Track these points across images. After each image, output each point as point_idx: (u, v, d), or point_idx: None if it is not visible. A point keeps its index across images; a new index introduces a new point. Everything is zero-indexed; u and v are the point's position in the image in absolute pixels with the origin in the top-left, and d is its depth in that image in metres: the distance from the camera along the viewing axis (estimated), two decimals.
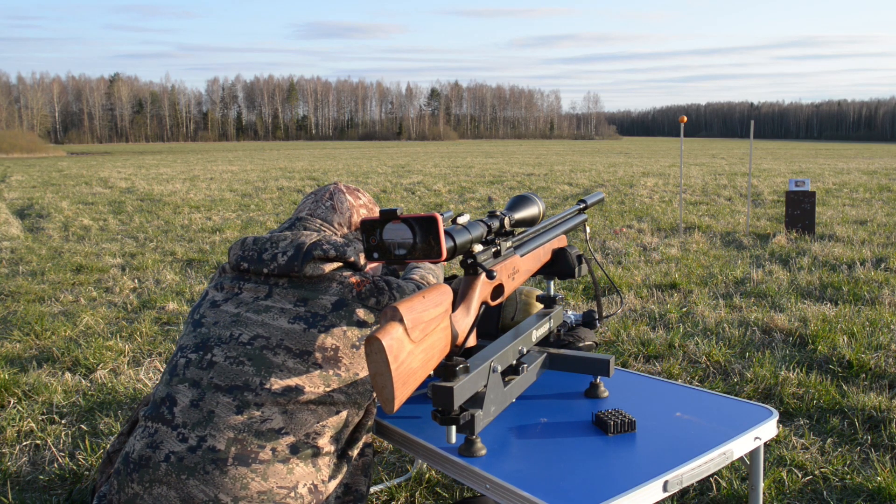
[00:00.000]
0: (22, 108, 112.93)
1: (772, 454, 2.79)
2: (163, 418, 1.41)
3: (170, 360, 1.52)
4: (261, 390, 1.39)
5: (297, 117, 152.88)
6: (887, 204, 11.57)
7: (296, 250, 1.48)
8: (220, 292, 1.55)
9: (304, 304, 1.46)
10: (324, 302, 1.46)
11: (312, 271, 1.47)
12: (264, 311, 1.47)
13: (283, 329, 1.44)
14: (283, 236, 1.53)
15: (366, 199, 1.76)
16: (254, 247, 1.54)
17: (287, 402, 1.39)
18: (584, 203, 1.90)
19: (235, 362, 1.42)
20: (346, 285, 1.50)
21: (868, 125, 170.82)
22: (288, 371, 1.41)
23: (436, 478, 2.67)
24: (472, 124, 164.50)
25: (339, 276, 1.51)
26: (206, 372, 1.42)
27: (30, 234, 9.26)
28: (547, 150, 54.65)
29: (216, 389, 1.40)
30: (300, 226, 1.64)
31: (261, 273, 1.51)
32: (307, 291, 1.47)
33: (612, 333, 4.35)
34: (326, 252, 1.49)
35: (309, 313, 1.45)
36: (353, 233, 1.70)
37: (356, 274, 1.54)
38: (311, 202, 1.71)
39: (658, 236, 8.39)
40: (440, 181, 17.59)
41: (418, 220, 1.24)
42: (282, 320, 1.44)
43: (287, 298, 1.47)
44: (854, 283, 5.63)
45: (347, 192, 1.74)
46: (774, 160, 30.89)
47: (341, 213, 1.69)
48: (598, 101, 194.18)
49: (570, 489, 1.27)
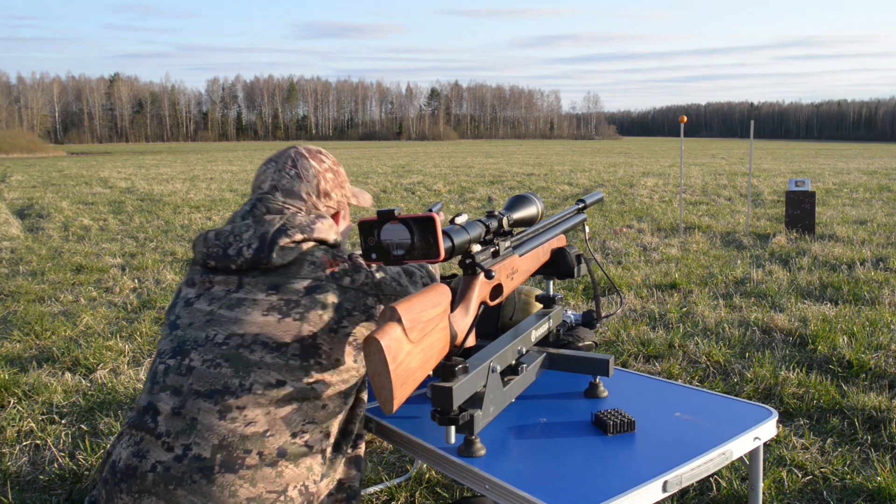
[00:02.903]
0: (22, 108, 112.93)
1: (772, 454, 2.78)
2: (146, 427, 1.36)
3: (150, 367, 1.47)
4: (241, 392, 1.34)
5: (297, 117, 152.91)
6: (887, 204, 11.56)
7: (260, 241, 1.41)
8: (192, 288, 1.49)
9: (276, 290, 1.40)
10: (296, 286, 1.40)
11: (282, 259, 1.41)
12: (237, 306, 1.41)
13: (257, 323, 1.38)
14: (245, 226, 1.45)
15: (330, 162, 1.62)
16: (217, 242, 1.45)
17: (269, 402, 1.34)
18: (584, 203, 1.90)
19: (213, 365, 1.37)
20: (318, 265, 1.43)
21: (868, 125, 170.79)
22: (267, 367, 1.36)
23: (435, 478, 2.67)
24: (472, 124, 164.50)
25: (310, 257, 1.44)
26: (186, 378, 1.37)
27: (30, 234, 9.26)
28: (547, 150, 54.65)
29: (197, 395, 1.35)
30: (261, 207, 1.51)
31: (229, 269, 1.44)
32: (278, 277, 1.41)
33: (612, 333, 4.35)
34: (292, 236, 1.42)
35: (282, 301, 1.39)
36: (321, 201, 1.58)
37: (329, 252, 1.47)
38: (272, 172, 1.56)
39: (658, 236, 8.39)
40: (440, 181, 17.59)
41: (416, 221, 1.24)
42: (255, 313, 1.39)
43: (258, 287, 1.41)
44: (854, 283, 5.63)
45: (310, 156, 1.60)
46: (774, 160, 30.89)
47: (307, 181, 1.56)
48: (598, 101, 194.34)
49: (570, 489, 1.27)
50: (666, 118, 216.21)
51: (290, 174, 1.55)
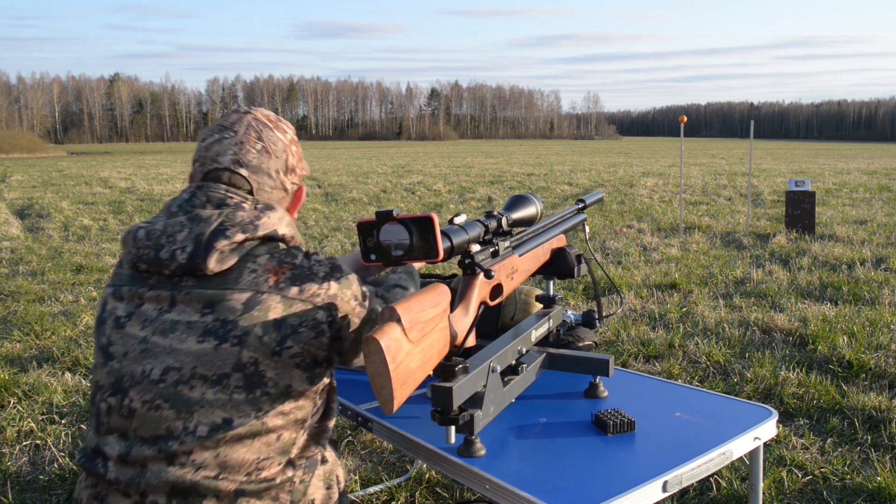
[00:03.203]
0: (22, 108, 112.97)
1: (772, 454, 2.78)
2: (98, 473, 1.26)
3: (91, 398, 1.32)
4: (185, 436, 1.20)
5: (297, 117, 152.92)
6: (887, 204, 11.56)
7: (195, 245, 1.22)
8: (120, 303, 1.29)
9: (211, 310, 1.22)
10: (232, 303, 1.22)
11: (220, 264, 1.22)
12: (171, 331, 1.23)
13: (192, 353, 1.21)
14: (179, 225, 1.25)
15: (291, 132, 1.42)
16: (147, 242, 1.25)
17: (217, 444, 1.20)
18: (583, 202, 1.90)
19: (153, 407, 1.22)
20: (260, 272, 1.24)
21: (868, 125, 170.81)
22: (209, 405, 1.20)
23: (436, 478, 2.67)
24: (472, 124, 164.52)
25: (251, 264, 1.25)
26: (129, 421, 1.23)
27: (30, 234, 9.26)
28: (547, 150, 54.65)
29: (142, 442, 1.22)
30: (201, 196, 1.29)
31: (162, 274, 1.26)
32: (215, 290, 1.23)
33: (612, 333, 4.35)
34: (232, 237, 1.23)
35: (217, 322, 1.21)
36: (288, 178, 1.38)
37: (276, 254, 1.27)
38: (232, 144, 1.32)
39: (658, 236, 8.39)
40: (440, 181, 17.59)
41: (415, 221, 1.24)
42: (190, 340, 1.21)
43: (192, 306, 1.23)
44: (854, 283, 5.63)
45: (273, 125, 1.38)
46: (774, 160, 30.89)
47: (277, 156, 1.36)
48: (598, 101, 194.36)
49: (570, 489, 1.27)
50: (666, 118, 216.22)
51: (256, 148, 1.33)
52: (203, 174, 1.33)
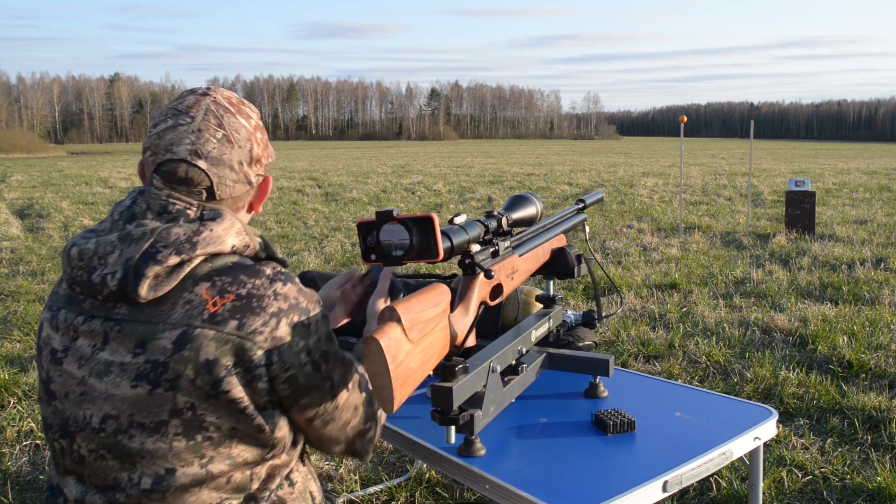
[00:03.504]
0: (22, 108, 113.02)
1: (772, 454, 2.78)
2: None
3: (44, 433, 1.24)
4: (131, 489, 1.12)
5: (297, 117, 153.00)
6: (887, 204, 11.56)
7: (124, 270, 1.08)
8: (56, 333, 1.17)
9: (142, 350, 1.09)
10: (162, 342, 1.07)
11: (154, 291, 1.08)
12: (105, 374, 1.11)
13: (127, 399, 1.09)
14: (110, 246, 1.11)
15: (256, 117, 1.25)
16: (80, 263, 1.13)
17: (163, 497, 1.11)
18: (583, 202, 1.90)
19: (98, 457, 1.13)
20: (195, 303, 1.08)
21: (868, 125, 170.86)
22: (150, 456, 1.10)
23: (436, 478, 2.67)
24: (472, 124, 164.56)
25: (187, 293, 1.09)
26: (81, 467, 1.16)
27: (30, 234, 9.26)
28: (547, 150, 54.65)
29: (95, 489, 1.15)
30: (142, 203, 1.15)
31: (96, 298, 1.13)
32: (146, 325, 1.09)
33: (612, 333, 4.34)
34: (164, 261, 1.07)
35: (148, 365, 1.08)
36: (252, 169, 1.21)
37: (217, 282, 1.10)
38: (189, 134, 1.15)
39: (658, 236, 8.39)
40: (440, 181, 17.59)
41: (415, 221, 1.24)
42: (124, 385, 1.09)
43: (124, 345, 1.10)
44: (854, 283, 5.63)
45: (235, 110, 1.20)
46: (774, 160, 30.89)
47: (240, 146, 1.19)
48: (598, 101, 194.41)
49: (570, 489, 1.27)
50: (666, 118, 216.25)
51: (216, 137, 1.16)
52: (156, 166, 1.16)
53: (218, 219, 1.14)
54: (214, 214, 1.14)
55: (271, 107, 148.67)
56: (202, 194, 1.16)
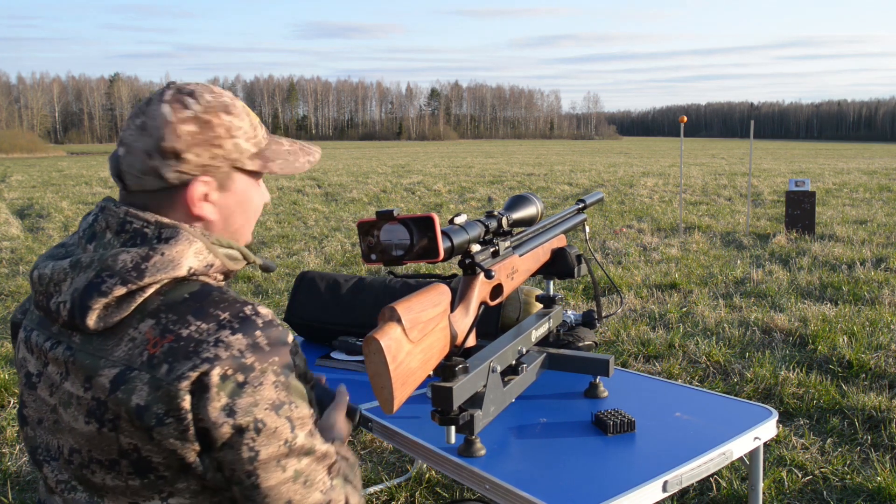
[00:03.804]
0: (22, 108, 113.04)
1: (772, 454, 2.78)
2: None
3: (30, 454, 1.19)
4: None
5: (297, 117, 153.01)
6: (887, 204, 11.56)
7: (71, 301, 1.02)
8: (31, 356, 1.12)
9: (89, 385, 1.02)
10: (102, 380, 1.00)
11: (103, 322, 1.01)
12: (68, 405, 1.05)
13: (84, 435, 1.04)
14: (62, 272, 1.04)
15: (200, 108, 1.07)
16: (40, 288, 1.07)
17: None
18: (584, 202, 1.90)
19: (69, 488, 1.10)
20: (137, 342, 1.00)
21: (868, 125, 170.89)
22: (112, 491, 1.06)
23: (436, 478, 2.67)
24: (472, 124, 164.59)
25: (132, 330, 1.00)
26: (59, 496, 1.12)
27: (30, 234, 9.26)
28: (547, 150, 54.66)
29: None
30: (101, 220, 1.08)
31: (57, 324, 1.08)
32: (92, 358, 1.02)
33: (612, 333, 4.35)
34: (109, 293, 0.99)
35: (94, 402, 1.02)
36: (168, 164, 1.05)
37: (163, 321, 1.00)
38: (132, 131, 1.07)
39: (658, 236, 8.39)
40: (440, 181, 17.59)
41: (415, 221, 1.24)
42: (80, 420, 1.04)
43: (79, 378, 1.03)
44: (854, 283, 5.63)
45: (173, 98, 1.07)
46: (774, 160, 30.89)
47: (150, 135, 1.05)
48: (598, 101, 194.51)
49: (570, 489, 1.27)
50: (666, 118, 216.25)
51: (135, 124, 1.07)
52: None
53: (173, 239, 1.03)
54: (170, 234, 1.04)
55: (271, 107, 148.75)
56: (120, 184, 1.08)
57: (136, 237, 1.04)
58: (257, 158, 1.12)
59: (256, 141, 1.12)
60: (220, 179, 1.09)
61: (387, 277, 2.17)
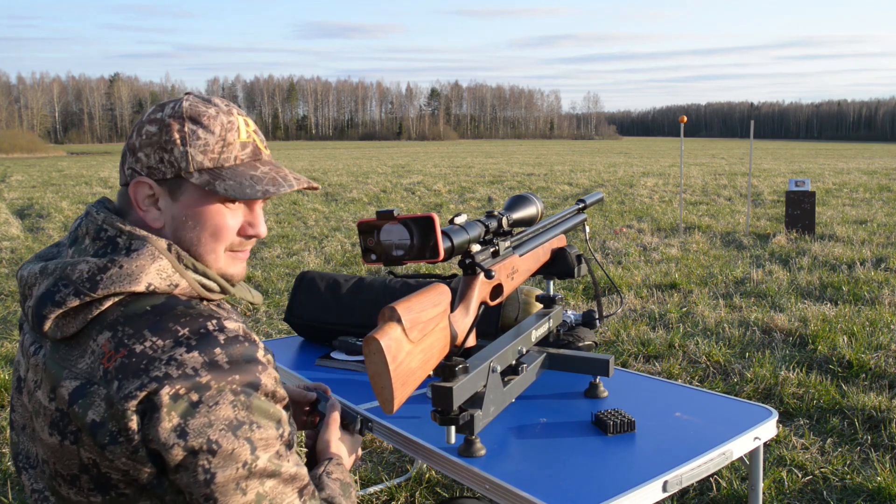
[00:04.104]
0: (22, 108, 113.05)
1: (772, 454, 2.78)
2: None
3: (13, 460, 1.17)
4: None
5: (297, 117, 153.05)
6: (887, 204, 11.56)
7: (33, 307, 1.01)
8: (23, 359, 1.11)
9: (54, 395, 0.99)
10: (62, 391, 0.97)
11: (60, 331, 0.99)
12: (38, 415, 1.03)
13: (48, 447, 1.01)
14: (34, 277, 1.03)
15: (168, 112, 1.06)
16: (21, 289, 1.06)
17: None
18: (584, 203, 1.90)
19: (42, 498, 1.08)
20: (96, 356, 0.96)
21: (868, 125, 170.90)
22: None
23: (435, 478, 2.67)
24: (472, 124, 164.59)
25: (92, 342, 0.97)
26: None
27: (30, 234, 9.26)
28: (547, 150, 54.66)
29: None
30: (83, 226, 1.07)
31: None
32: (57, 367, 1.00)
33: (612, 333, 4.34)
34: (63, 303, 0.97)
35: (58, 413, 0.99)
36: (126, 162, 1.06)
37: (119, 333, 0.96)
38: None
39: (658, 236, 8.39)
40: (440, 181, 17.59)
41: (416, 221, 1.24)
42: (45, 431, 1.01)
43: (45, 387, 1.01)
44: (854, 283, 5.63)
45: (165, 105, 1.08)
46: (774, 160, 30.89)
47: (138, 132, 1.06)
48: (598, 101, 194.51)
49: (570, 489, 1.27)
50: (666, 118, 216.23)
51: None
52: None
53: (136, 252, 1.00)
54: (136, 246, 1.01)
55: (271, 107, 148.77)
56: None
57: (108, 245, 1.02)
58: (206, 174, 1.05)
59: (216, 157, 1.05)
60: (169, 186, 1.05)
61: (387, 277, 2.17)
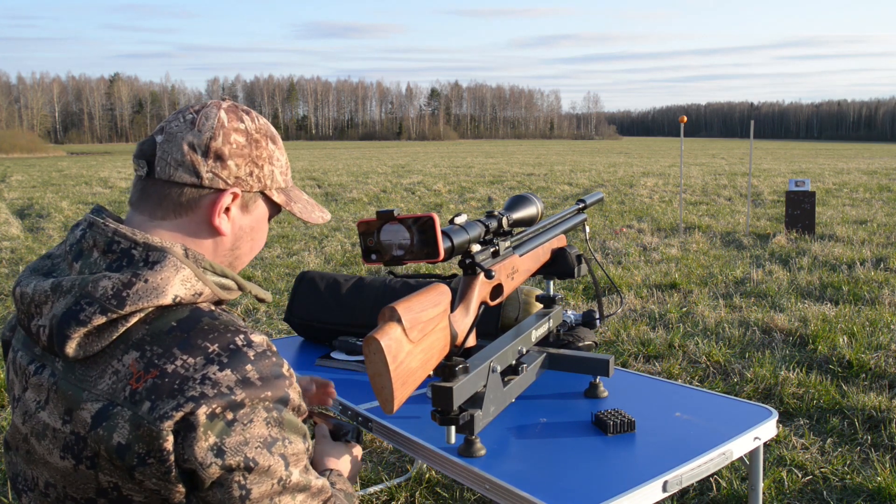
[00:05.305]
0: (22, 108, 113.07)
1: (772, 454, 2.78)
2: None
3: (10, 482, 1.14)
4: None
5: (297, 117, 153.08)
6: (887, 204, 11.56)
7: (50, 327, 0.97)
8: (17, 378, 1.08)
9: (69, 417, 0.96)
10: (83, 415, 0.95)
11: (83, 350, 0.95)
12: (43, 437, 1.00)
13: (59, 470, 0.99)
14: (43, 294, 0.99)
15: (252, 126, 1.10)
16: (22, 307, 1.02)
17: None
18: (584, 203, 1.90)
19: None
20: (121, 377, 0.94)
21: (868, 125, 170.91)
22: None
23: (436, 478, 2.67)
24: (472, 124, 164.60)
25: (116, 362, 0.95)
26: None
27: (30, 234, 9.26)
28: (547, 150, 54.67)
29: None
30: (89, 238, 1.02)
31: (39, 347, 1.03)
32: (75, 389, 0.97)
33: (612, 333, 4.35)
34: (88, 322, 0.94)
35: (73, 437, 0.96)
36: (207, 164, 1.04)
37: (147, 354, 0.94)
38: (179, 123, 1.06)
39: (658, 236, 8.39)
40: (440, 181, 17.59)
41: (416, 221, 1.24)
42: (55, 454, 0.99)
43: (58, 408, 0.98)
44: (854, 283, 5.63)
45: (229, 109, 1.09)
46: (774, 160, 30.89)
47: (199, 130, 1.05)
48: (598, 101, 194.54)
49: (570, 489, 1.27)
50: (666, 118, 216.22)
51: (185, 118, 1.06)
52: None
53: (158, 264, 0.97)
54: (157, 258, 0.98)
55: (271, 107, 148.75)
56: (144, 167, 1.05)
57: (123, 258, 0.99)
58: (283, 194, 1.13)
59: (286, 178, 1.15)
60: (246, 198, 1.08)
61: (387, 277, 2.17)
